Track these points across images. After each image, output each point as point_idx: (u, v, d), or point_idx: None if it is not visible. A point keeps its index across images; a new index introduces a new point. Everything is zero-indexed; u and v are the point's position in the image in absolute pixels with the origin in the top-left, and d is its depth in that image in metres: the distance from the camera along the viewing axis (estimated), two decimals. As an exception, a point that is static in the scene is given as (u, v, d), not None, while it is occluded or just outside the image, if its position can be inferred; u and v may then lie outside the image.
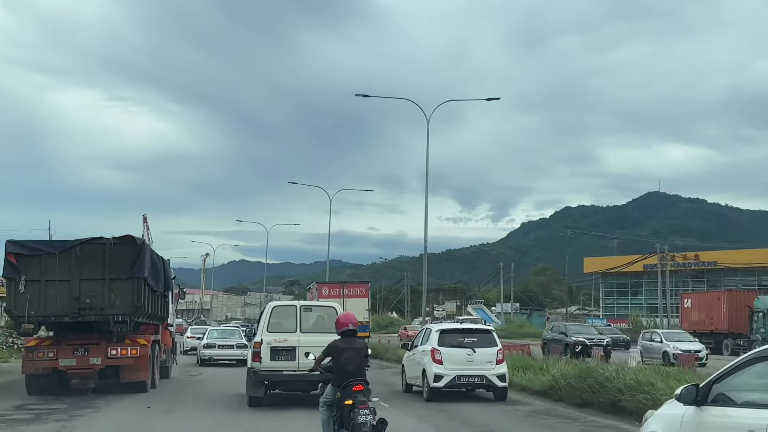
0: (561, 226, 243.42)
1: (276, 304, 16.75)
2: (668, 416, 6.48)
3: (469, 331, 18.30)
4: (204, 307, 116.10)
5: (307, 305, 16.62)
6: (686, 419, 6.05)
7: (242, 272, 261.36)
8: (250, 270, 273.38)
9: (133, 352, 16.70)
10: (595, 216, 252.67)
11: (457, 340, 17.41)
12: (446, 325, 22.04)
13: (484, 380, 16.88)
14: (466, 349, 17.02)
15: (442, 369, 16.78)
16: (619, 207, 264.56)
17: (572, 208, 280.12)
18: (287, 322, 15.31)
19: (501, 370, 17.03)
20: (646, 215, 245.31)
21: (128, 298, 16.26)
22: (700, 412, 5.94)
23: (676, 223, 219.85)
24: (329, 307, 16.04)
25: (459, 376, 16.74)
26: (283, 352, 14.92)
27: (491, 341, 17.63)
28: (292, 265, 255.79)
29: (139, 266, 16.45)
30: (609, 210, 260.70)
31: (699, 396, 5.98)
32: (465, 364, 16.86)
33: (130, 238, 16.79)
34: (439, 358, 16.91)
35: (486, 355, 17.04)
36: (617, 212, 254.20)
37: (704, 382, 6.11)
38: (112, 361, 16.57)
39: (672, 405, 6.56)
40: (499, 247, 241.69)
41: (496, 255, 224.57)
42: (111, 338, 16.67)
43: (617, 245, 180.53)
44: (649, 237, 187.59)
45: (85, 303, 15.98)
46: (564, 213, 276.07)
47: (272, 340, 14.92)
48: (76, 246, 16.27)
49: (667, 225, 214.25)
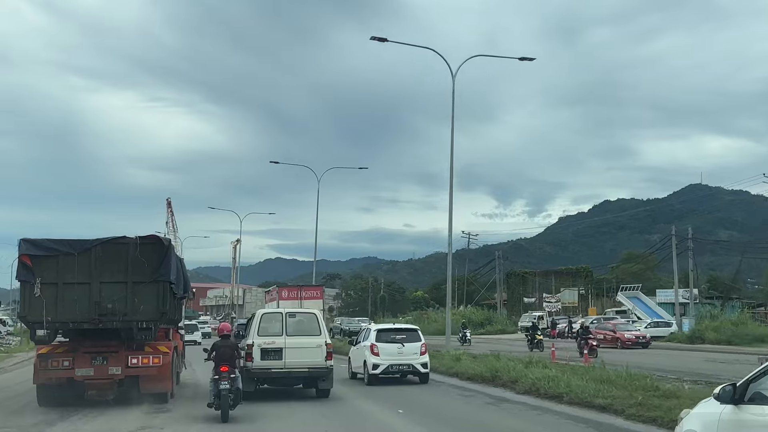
0: (600, 221, 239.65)
1: (264, 312, 18.93)
2: (706, 415, 6.49)
3: (400, 330, 22.84)
4: (236, 302, 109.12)
5: (291, 312, 18.77)
6: (724, 418, 6.08)
7: (277, 270, 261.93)
8: (285, 267, 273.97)
9: (156, 360, 15.34)
10: (635, 210, 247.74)
11: (390, 336, 21.73)
12: (382, 325, 25.53)
13: (411, 368, 21.26)
14: (397, 344, 21.39)
15: (379, 359, 21.05)
16: (660, 200, 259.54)
17: (611, 202, 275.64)
18: (274, 326, 17.47)
19: (424, 359, 21.47)
20: (688, 208, 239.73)
21: (153, 303, 14.93)
22: (738, 411, 5.97)
23: (720, 216, 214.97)
24: (311, 313, 18.66)
25: (392, 365, 21.07)
26: (271, 353, 17.05)
27: (417, 338, 21.97)
28: (328, 262, 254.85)
29: (165, 269, 15.08)
30: (650, 203, 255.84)
31: (736, 395, 6.01)
32: (396, 355, 21.16)
33: (155, 239, 15.44)
34: (377, 351, 21.16)
35: (413, 348, 21.46)
36: (658, 205, 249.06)
37: (741, 381, 6.14)
38: (133, 371, 15.21)
39: (709, 404, 6.61)
40: (536, 242, 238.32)
41: (533, 250, 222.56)
42: (131, 346, 15.31)
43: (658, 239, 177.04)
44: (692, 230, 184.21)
45: (106, 308, 14.62)
46: (603, 207, 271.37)
47: (262, 343, 17.04)
48: (97, 246, 14.87)
49: (711, 218, 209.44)
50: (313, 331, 17.51)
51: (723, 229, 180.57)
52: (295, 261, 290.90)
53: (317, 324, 17.72)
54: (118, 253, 14.96)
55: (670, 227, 67.33)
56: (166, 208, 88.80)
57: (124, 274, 14.85)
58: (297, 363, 17.06)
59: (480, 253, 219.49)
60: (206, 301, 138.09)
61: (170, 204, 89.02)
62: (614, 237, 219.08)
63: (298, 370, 17.15)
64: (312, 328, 17.57)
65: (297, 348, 17.06)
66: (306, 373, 17.29)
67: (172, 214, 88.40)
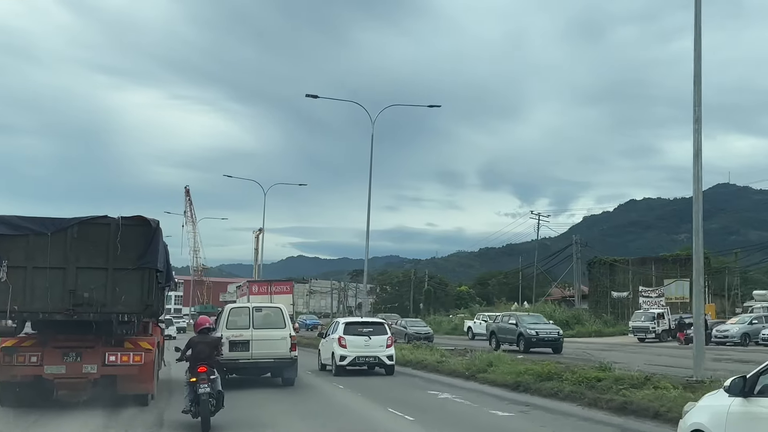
0: (625, 220, 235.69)
1: (233, 306, 20.30)
2: (713, 408, 6.31)
3: (367, 324, 23.60)
4: None
5: (258, 306, 20.41)
6: (733, 410, 5.92)
7: (299, 268, 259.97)
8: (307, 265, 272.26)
9: (137, 358, 13.48)
10: (662, 209, 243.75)
11: (357, 329, 22.39)
12: (350, 318, 27.13)
13: (377, 359, 22.06)
14: (364, 336, 22.10)
15: (346, 351, 21.77)
16: (687, 199, 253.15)
17: (637, 201, 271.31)
18: (242, 320, 18.59)
19: (390, 352, 22.25)
20: (716, 208, 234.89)
21: (136, 293, 13.15)
22: (748, 403, 5.82)
23: (748, 216, 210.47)
24: (276, 307, 19.97)
25: (359, 357, 21.87)
26: (239, 345, 18.01)
27: (383, 331, 22.77)
28: (350, 260, 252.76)
29: (152, 254, 13.30)
30: (677, 202, 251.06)
31: (746, 387, 5.89)
32: (363, 347, 21.91)
33: (141, 219, 13.53)
34: (344, 343, 21.85)
35: (379, 341, 22.21)
36: (685, 204, 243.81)
37: (751, 373, 5.97)
38: (111, 370, 13.38)
39: (716, 396, 6.45)
40: (560, 241, 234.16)
41: (557, 249, 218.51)
42: (109, 341, 13.48)
43: (686, 239, 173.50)
44: (720, 230, 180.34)
45: (82, 297, 12.82)
46: (628, 206, 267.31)
47: (231, 335, 17.90)
48: (74, 226, 13.07)
49: (739, 217, 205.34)
50: (278, 324, 18.71)
51: (752, 228, 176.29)
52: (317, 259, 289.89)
53: (282, 318, 18.90)
54: (98, 234, 13.18)
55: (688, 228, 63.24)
56: (185, 196, 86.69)
57: (104, 258, 13.07)
58: (263, 354, 18.23)
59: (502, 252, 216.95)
60: (227, 296, 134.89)
61: (188, 192, 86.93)
62: (641, 236, 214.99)
63: (264, 360, 18.37)
64: (277, 321, 18.81)
65: (263, 340, 18.24)
66: (272, 363, 18.55)
67: (191, 203, 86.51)
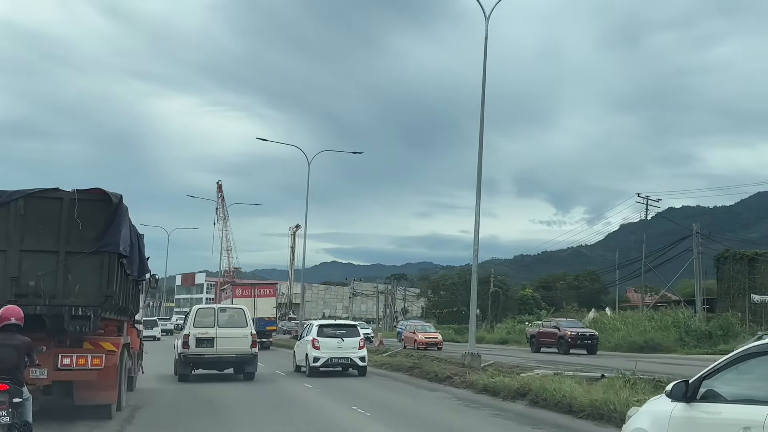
0: (663, 228, 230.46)
1: (199, 307, 22.26)
2: (656, 413, 6.28)
3: (340, 326, 24.46)
4: (293, 300, 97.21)
5: (222, 307, 22.54)
6: (675, 415, 5.90)
7: (333, 273, 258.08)
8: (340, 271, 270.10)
9: (96, 361, 11.27)
10: (701, 218, 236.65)
11: (331, 332, 23.06)
12: (323, 321, 27.85)
13: (350, 361, 22.68)
14: (337, 338, 22.72)
15: (319, 353, 22.31)
16: (727, 208, 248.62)
17: (676, 209, 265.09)
18: (207, 319, 20.57)
19: (362, 353, 22.92)
20: (757, 216, 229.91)
21: (94, 281, 10.86)
22: (690, 408, 5.80)
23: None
24: (239, 308, 22.14)
25: (332, 358, 22.40)
26: (205, 341, 20.04)
27: (356, 333, 23.47)
28: (383, 267, 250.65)
29: (112, 236, 10.98)
30: (716, 211, 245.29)
31: (689, 392, 5.85)
32: (336, 349, 22.51)
33: (100, 193, 11.15)
34: (318, 345, 22.43)
35: (352, 342, 22.83)
36: (725, 213, 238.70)
37: (694, 378, 5.93)
38: (65, 375, 11.19)
39: (659, 401, 6.44)
40: (597, 249, 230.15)
41: (594, 257, 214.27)
42: (63, 341, 11.27)
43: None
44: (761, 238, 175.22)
45: (27, 287, 10.59)
46: (667, 214, 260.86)
47: (197, 333, 20.02)
48: (18, 200, 10.79)
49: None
50: (240, 323, 20.83)
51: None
52: (351, 265, 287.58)
53: (244, 318, 21.01)
54: (47, 211, 10.91)
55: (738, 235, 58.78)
56: (217, 192, 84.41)
57: (54, 240, 10.82)
58: (226, 350, 20.28)
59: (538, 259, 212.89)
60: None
61: (221, 188, 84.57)
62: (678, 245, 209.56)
63: (227, 356, 20.44)
64: (240, 320, 20.91)
65: (226, 337, 20.27)
66: (234, 358, 20.58)
67: (223, 199, 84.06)
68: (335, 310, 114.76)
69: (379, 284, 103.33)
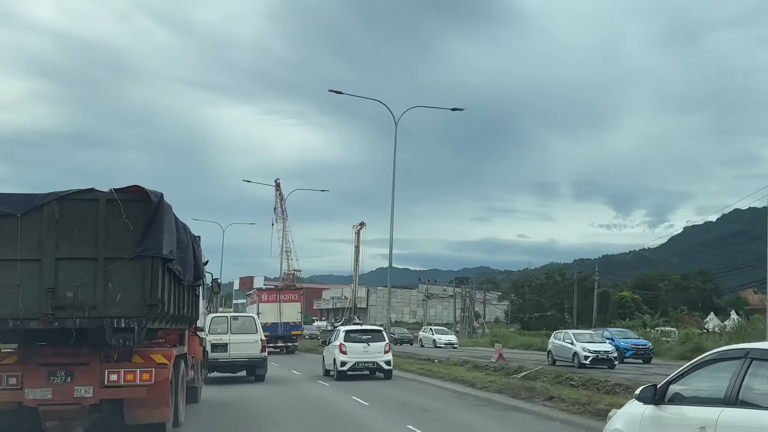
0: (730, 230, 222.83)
1: (214, 315, 23.39)
2: (629, 414, 6.64)
3: (366, 331, 25.37)
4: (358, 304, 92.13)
5: (235, 316, 25.68)
6: (645, 417, 6.25)
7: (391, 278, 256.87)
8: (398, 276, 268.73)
9: (145, 377, 10.28)
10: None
11: (357, 337, 24.00)
12: (350, 327, 29.03)
13: (376, 365, 23.53)
14: (363, 343, 23.59)
15: (346, 357, 23.22)
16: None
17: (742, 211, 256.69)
18: (221, 326, 22.76)
19: (388, 357, 23.81)
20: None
21: (136, 289, 9.72)
22: (658, 410, 6.15)
23: None
24: (249, 316, 25.49)
25: (358, 362, 23.24)
26: (219, 347, 22.06)
27: (381, 338, 24.27)
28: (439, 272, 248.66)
29: (154, 238, 9.79)
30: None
31: (657, 395, 6.20)
32: (362, 353, 23.37)
33: (139, 191, 10.00)
34: (345, 350, 23.29)
35: (377, 347, 23.66)
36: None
37: (662, 382, 6.29)
38: (112, 393, 10.20)
39: (633, 404, 6.70)
40: (661, 252, 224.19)
41: (658, 260, 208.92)
42: (110, 355, 10.31)
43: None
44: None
45: (64, 298, 9.51)
46: (733, 216, 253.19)
47: (212, 339, 21.10)
48: (51, 203, 9.72)
49: None
50: (251, 330, 23.17)
51: None
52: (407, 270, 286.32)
53: (255, 325, 23.58)
54: (83, 214, 9.83)
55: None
56: (275, 190, 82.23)
57: (92, 246, 9.73)
58: (239, 354, 22.49)
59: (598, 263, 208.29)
60: (321, 304, 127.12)
61: (279, 186, 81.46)
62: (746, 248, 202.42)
63: (239, 359, 22.66)
64: (251, 327, 23.34)
65: (239, 343, 22.44)
66: (246, 362, 22.78)
67: (281, 198, 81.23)
68: (402, 314, 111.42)
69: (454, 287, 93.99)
